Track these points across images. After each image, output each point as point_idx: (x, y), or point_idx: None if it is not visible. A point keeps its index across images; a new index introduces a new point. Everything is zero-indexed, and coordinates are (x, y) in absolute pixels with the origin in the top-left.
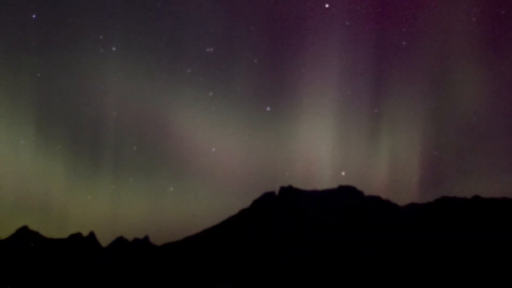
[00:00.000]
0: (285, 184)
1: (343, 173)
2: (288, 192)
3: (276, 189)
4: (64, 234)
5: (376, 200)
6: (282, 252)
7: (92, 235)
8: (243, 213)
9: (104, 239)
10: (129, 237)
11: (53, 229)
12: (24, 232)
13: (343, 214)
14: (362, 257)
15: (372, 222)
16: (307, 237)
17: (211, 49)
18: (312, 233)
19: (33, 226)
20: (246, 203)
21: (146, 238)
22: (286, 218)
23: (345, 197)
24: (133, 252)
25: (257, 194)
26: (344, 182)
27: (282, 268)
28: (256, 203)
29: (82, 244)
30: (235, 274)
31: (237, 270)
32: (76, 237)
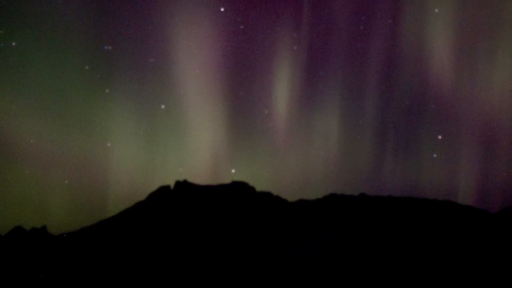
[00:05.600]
0: (180, 179)
1: (233, 171)
2: (183, 186)
3: (171, 183)
4: None
5: (265, 195)
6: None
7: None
8: (139, 205)
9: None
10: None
11: None
12: None
13: (236, 209)
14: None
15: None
16: (199, 229)
17: (109, 47)
18: (203, 225)
19: None
20: (141, 196)
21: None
22: (181, 211)
23: (238, 192)
24: (30, 241)
25: (152, 188)
26: (236, 178)
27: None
28: (152, 196)
29: None
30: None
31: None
32: None
